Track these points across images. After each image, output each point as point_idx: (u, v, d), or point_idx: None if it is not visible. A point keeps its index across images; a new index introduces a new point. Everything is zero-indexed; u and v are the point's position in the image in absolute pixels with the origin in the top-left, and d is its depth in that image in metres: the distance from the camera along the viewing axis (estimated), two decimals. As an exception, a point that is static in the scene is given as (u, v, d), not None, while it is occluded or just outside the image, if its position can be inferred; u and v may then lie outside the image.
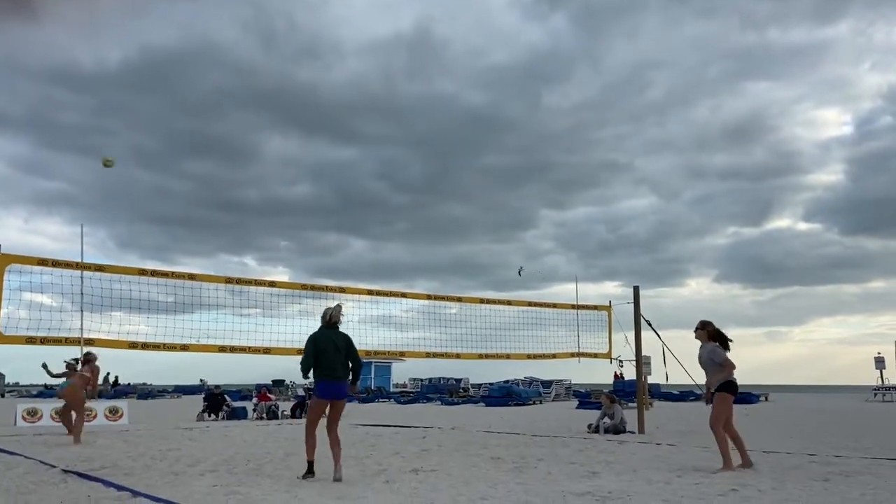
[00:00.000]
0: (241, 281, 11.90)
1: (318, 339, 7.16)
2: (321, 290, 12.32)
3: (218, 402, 20.37)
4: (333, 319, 7.26)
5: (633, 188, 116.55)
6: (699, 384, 9.44)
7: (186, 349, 10.76)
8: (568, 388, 32.98)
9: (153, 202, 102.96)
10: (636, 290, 13.90)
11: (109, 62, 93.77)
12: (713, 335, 8.00)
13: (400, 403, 31.37)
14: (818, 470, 7.64)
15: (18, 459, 8.97)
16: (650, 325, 13.69)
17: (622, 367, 21.94)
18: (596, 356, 14.73)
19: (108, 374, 42.35)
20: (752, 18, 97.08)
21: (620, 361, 15.18)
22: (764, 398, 29.56)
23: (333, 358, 7.07)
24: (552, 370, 32.52)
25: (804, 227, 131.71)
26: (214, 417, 19.78)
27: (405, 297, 13.32)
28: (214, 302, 11.61)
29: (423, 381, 42.49)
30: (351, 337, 7.36)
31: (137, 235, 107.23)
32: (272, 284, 12.18)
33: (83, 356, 11.67)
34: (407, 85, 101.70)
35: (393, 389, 42.03)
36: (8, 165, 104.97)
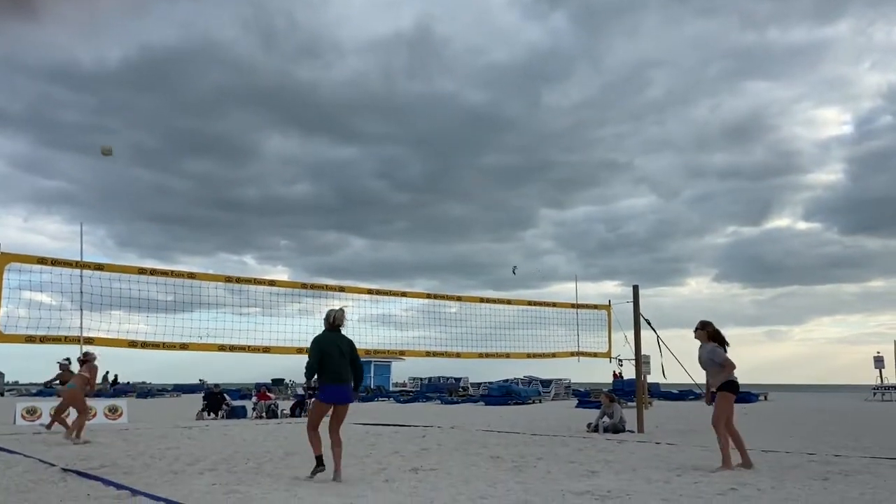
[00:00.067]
0: (240, 280, 11.90)
1: (321, 341, 7.08)
2: (321, 289, 12.32)
3: (217, 401, 20.38)
4: (337, 322, 7.18)
5: (632, 187, 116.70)
6: (698, 383, 9.45)
7: (186, 348, 10.75)
8: (567, 387, 33.00)
9: (153, 201, 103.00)
10: (636, 289, 13.91)
11: (109, 61, 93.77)
12: (713, 335, 8.00)
13: (399, 402, 31.41)
14: (817, 469, 7.64)
15: (18, 458, 8.96)
16: (649, 324, 13.70)
17: (621, 366, 22.00)
18: (595, 355, 14.75)
19: (107, 372, 42.38)
20: (752, 18, 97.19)
21: (620, 361, 15.21)
22: (763, 397, 29.62)
23: (338, 362, 7.00)
24: (551, 369, 32.57)
25: (804, 226, 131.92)
26: (214, 416, 19.79)
27: (405, 296, 13.33)
28: (214, 301, 11.61)
29: (422, 380, 42.56)
30: (352, 339, 7.31)
31: (137, 234, 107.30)
32: (272, 283, 12.17)
33: (81, 356, 11.67)
34: (407, 84, 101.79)
35: (392, 388, 42.09)
36: (7, 164, 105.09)
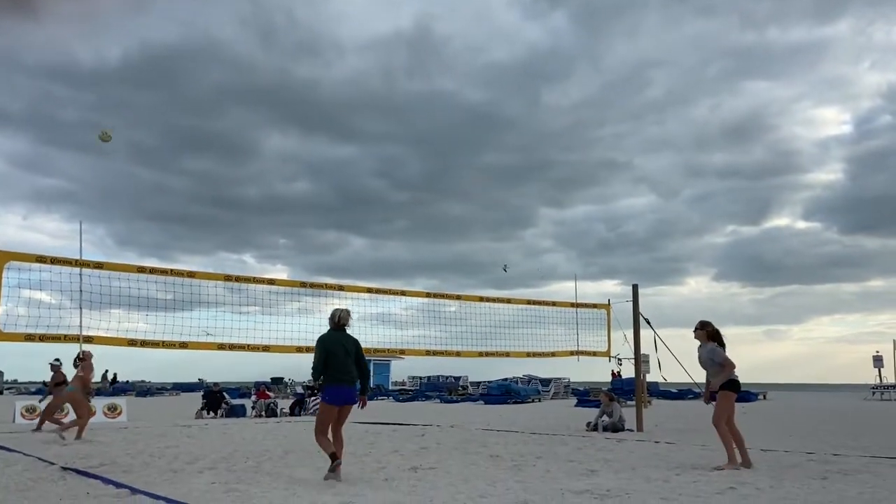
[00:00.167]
0: (240, 279, 11.92)
1: (326, 341, 6.99)
2: (320, 287, 12.33)
3: (217, 399, 20.40)
4: (342, 321, 7.09)
5: (632, 187, 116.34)
6: (698, 383, 9.46)
7: (185, 347, 10.76)
8: (566, 386, 33.01)
9: (152, 199, 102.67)
10: (635, 288, 13.93)
11: (109, 59, 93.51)
12: (712, 335, 8.02)
13: (399, 401, 31.43)
14: (816, 468, 7.64)
15: (17, 456, 8.96)
16: (649, 323, 13.72)
17: (621, 365, 21.98)
18: (595, 354, 14.76)
19: (106, 371, 42.41)
20: (751, 17, 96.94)
21: (619, 360, 15.22)
22: (762, 396, 29.63)
23: (343, 361, 6.91)
24: (551, 368, 32.54)
25: (803, 225, 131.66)
26: (213, 415, 19.81)
27: (404, 295, 13.33)
28: (213, 300, 11.62)
29: (421, 378, 42.57)
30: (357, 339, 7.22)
31: (136, 233, 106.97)
32: (271, 282, 12.18)
33: (79, 355, 11.69)
34: (406, 82, 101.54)
35: (392, 387, 42.10)
36: (7, 162, 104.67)
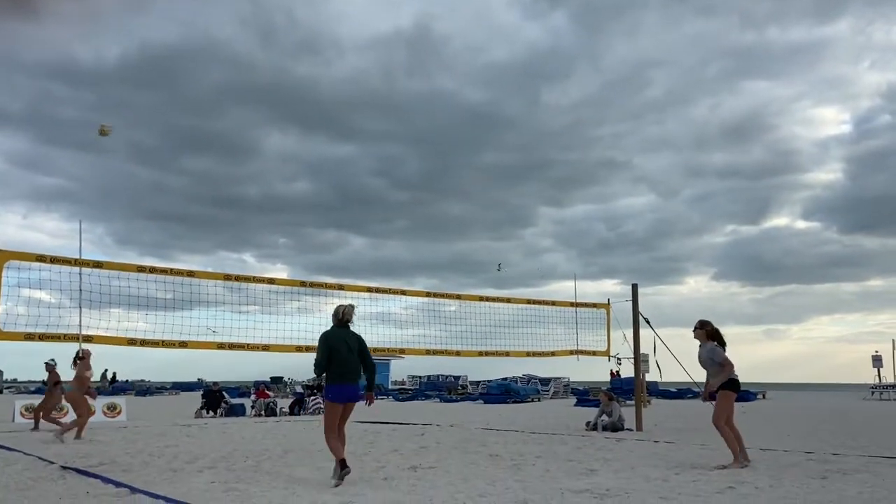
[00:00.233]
0: (239, 278, 11.92)
1: (329, 337, 6.92)
2: (320, 287, 12.33)
3: (216, 398, 20.39)
4: (346, 318, 7.01)
5: (631, 186, 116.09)
6: (697, 382, 9.47)
7: (185, 346, 10.76)
8: (566, 385, 33.03)
9: (152, 198, 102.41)
10: (635, 287, 13.93)
11: (108, 58, 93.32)
12: (712, 334, 8.03)
13: (398, 400, 31.45)
14: (815, 468, 7.64)
15: (17, 455, 8.97)
16: (648, 323, 13.72)
17: (620, 364, 22.00)
18: (595, 354, 14.77)
19: (105, 370, 42.43)
20: (751, 17, 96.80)
21: (619, 359, 15.23)
22: (762, 396, 29.65)
23: (346, 358, 6.85)
24: (550, 368, 32.56)
25: (802, 225, 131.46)
26: (213, 414, 19.80)
27: (404, 294, 13.32)
28: (213, 299, 11.62)
29: (421, 378, 42.58)
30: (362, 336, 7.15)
31: (136, 232, 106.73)
32: (271, 281, 12.17)
33: (78, 353, 11.70)
34: (406, 82, 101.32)
35: (392, 386, 42.11)
36: (7, 161, 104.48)
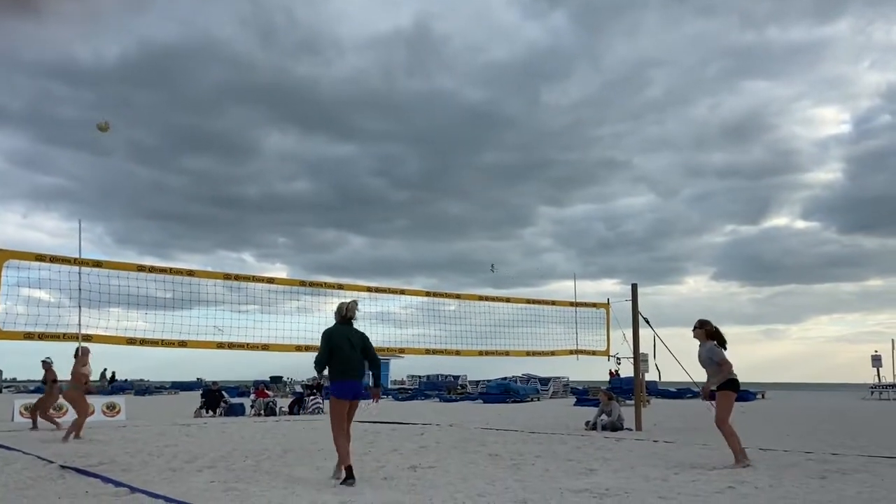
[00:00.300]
0: (239, 277, 11.91)
1: (332, 334, 6.87)
2: (320, 286, 12.32)
3: (216, 398, 20.38)
4: (348, 315, 6.97)
5: (631, 186, 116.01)
6: (697, 382, 9.47)
7: (184, 345, 10.75)
8: (565, 385, 33.04)
9: (151, 198, 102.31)
10: (634, 287, 13.93)
11: (108, 57, 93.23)
12: (712, 334, 8.04)
13: (398, 400, 31.43)
14: (815, 467, 7.65)
15: (16, 455, 8.97)
16: (648, 322, 13.73)
17: (619, 364, 21.98)
18: (594, 354, 14.77)
19: (105, 370, 42.41)
20: (751, 17, 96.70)
21: (618, 359, 15.22)
22: (761, 396, 29.67)
23: (349, 355, 6.81)
24: (549, 367, 32.55)
25: (802, 225, 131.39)
26: (212, 414, 19.79)
27: (404, 293, 13.31)
28: (213, 298, 11.61)
29: (421, 377, 42.58)
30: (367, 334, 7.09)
31: (135, 231, 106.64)
32: (270, 281, 12.17)
33: (77, 350, 11.70)
34: (406, 81, 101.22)
35: (391, 386, 42.10)
36: (6, 160, 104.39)
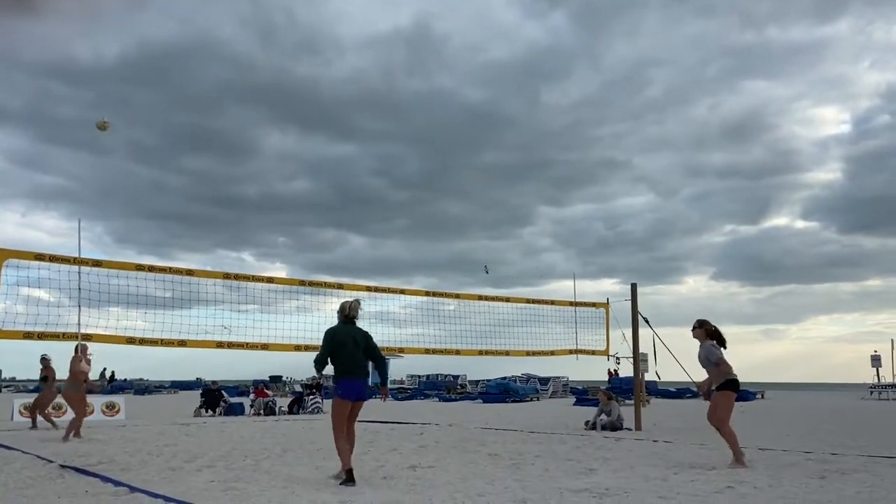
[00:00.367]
0: (238, 277, 11.91)
1: (335, 333, 6.82)
2: (319, 286, 12.33)
3: (215, 397, 20.38)
4: (351, 313, 6.93)
5: (631, 186, 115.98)
6: (696, 382, 9.47)
7: (184, 345, 10.76)
8: (565, 384, 33.04)
9: (151, 197, 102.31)
10: (634, 287, 13.93)
11: (108, 56, 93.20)
12: (711, 333, 8.04)
13: (397, 400, 31.44)
14: (814, 467, 7.66)
15: (16, 454, 8.96)
16: (647, 322, 13.73)
17: (619, 364, 21.98)
18: (594, 353, 14.77)
19: (104, 369, 42.40)
20: (751, 17, 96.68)
21: (617, 359, 15.22)
22: (760, 396, 29.68)
23: (353, 354, 6.75)
24: (549, 367, 32.55)
25: (802, 225, 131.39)
26: (211, 413, 19.79)
27: (403, 293, 13.32)
28: (212, 298, 11.61)
29: (420, 377, 42.58)
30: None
31: (135, 231, 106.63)
32: (270, 280, 12.17)
33: (76, 348, 11.70)
34: (406, 81, 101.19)
35: (390, 385, 42.10)
36: (5, 160, 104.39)
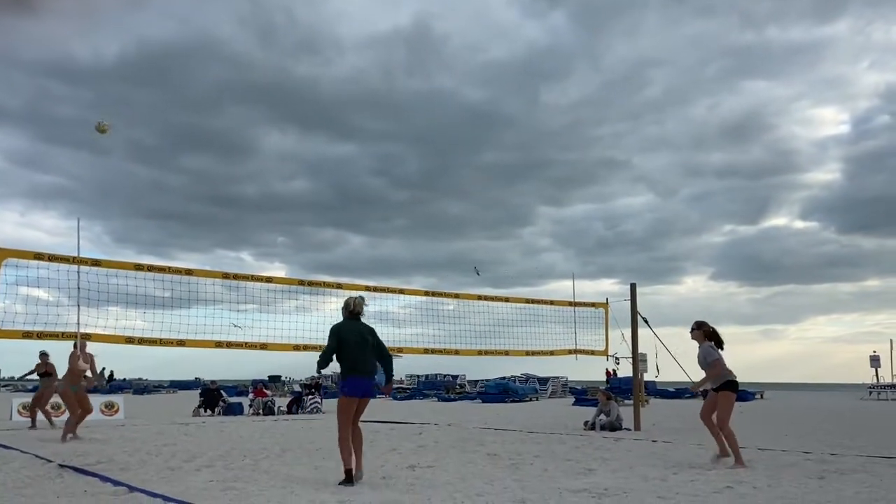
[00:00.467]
0: (237, 276, 11.90)
1: (341, 329, 6.69)
2: (318, 285, 12.32)
3: (214, 397, 20.39)
4: (356, 309, 6.81)
5: (630, 186, 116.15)
6: (695, 382, 9.47)
7: (183, 344, 10.75)
8: (564, 384, 33.06)
9: (150, 197, 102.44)
10: (633, 287, 13.93)
11: (107, 56, 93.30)
12: (709, 334, 8.06)
13: (396, 399, 31.44)
14: (813, 468, 7.66)
15: (14, 454, 8.96)
16: (647, 322, 13.73)
17: (618, 364, 21.98)
18: (593, 353, 14.78)
19: (103, 368, 42.31)
20: (750, 17, 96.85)
21: (617, 359, 15.22)
22: (759, 396, 29.70)
23: (360, 351, 6.64)
24: (548, 367, 32.57)
25: (801, 225, 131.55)
26: (210, 413, 19.79)
27: (402, 293, 13.31)
28: (211, 297, 11.60)
29: (419, 377, 42.59)
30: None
31: (134, 230, 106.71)
32: (269, 280, 12.17)
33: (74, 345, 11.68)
34: (405, 80, 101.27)
35: (390, 385, 42.12)
36: (5, 159, 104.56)
